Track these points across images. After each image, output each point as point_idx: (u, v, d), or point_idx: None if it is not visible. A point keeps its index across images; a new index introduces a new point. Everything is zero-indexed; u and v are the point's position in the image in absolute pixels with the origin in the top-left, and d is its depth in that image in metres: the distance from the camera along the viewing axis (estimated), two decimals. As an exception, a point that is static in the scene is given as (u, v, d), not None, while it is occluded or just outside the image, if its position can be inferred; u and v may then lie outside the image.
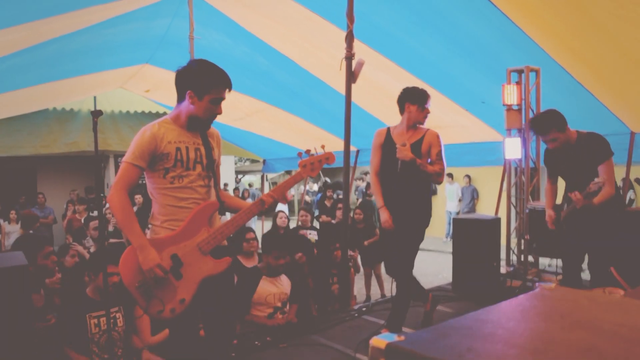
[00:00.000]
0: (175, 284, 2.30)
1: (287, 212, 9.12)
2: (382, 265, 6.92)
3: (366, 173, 13.84)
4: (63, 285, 3.73)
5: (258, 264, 4.30)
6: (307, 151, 2.62)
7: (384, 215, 3.59)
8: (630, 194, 8.47)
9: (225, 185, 15.35)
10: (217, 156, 2.55)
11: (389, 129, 3.74)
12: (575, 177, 3.55)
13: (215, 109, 2.40)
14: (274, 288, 4.10)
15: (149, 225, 2.42)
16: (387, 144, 3.67)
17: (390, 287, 3.97)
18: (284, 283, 4.20)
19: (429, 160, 3.58)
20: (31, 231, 6.69)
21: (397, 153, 3.47)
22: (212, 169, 2.49)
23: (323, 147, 2.65)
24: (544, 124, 3.51)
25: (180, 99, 2.41)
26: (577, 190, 3.40)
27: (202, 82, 2.35)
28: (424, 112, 3.62)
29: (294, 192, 17.83)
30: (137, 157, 2.32)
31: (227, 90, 2.42)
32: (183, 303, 2.30)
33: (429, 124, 3.74)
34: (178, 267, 2.31)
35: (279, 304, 4.09)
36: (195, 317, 2.47)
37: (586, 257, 3.76)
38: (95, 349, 3.17)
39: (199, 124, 2.44)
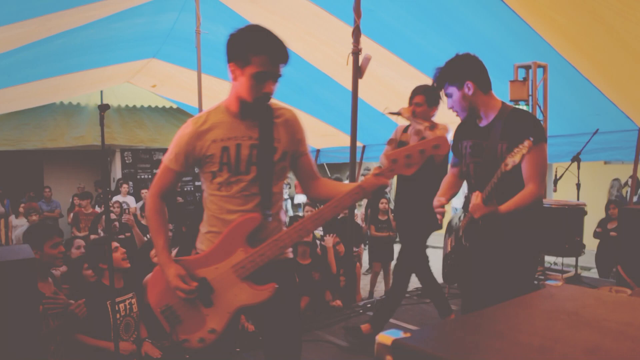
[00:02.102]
0: (204, 312, 1.95)
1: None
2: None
3: (369, 169, 13.81)
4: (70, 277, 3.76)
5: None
6: (393, 113, 1.74)
7: None
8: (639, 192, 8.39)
9: None
10: (285, 148, 1.97)
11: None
12: (482, 170, 2.34)
13: (261, 88, 1.83)
14: None
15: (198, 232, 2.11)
16: None
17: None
18: None
19: None
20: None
21: None
22: (272, 171, 1.95)
23: (414, 111, 1.73)
24: (444, 74, 2.38)
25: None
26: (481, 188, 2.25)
27: (242, 49, 1.81)
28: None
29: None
30: (173, 159, 1.94)
31: (279, 64, 1.83)
32: (213, 333, 1.95)
33: (435, 119, 3.73)
34: (208, 293, 1.94)
35: None
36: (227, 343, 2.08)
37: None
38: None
39: (249, 110, 1.90)
